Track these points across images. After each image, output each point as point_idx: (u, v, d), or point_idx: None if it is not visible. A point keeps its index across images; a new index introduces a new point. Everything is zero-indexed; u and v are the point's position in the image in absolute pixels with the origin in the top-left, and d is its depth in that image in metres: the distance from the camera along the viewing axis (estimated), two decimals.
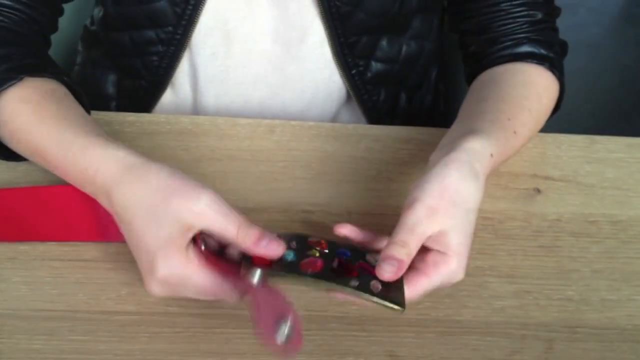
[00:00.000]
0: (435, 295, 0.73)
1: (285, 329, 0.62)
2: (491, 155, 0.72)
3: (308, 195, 0.81)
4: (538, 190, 0.83)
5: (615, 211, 0.82)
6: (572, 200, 0.83)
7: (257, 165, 0.84)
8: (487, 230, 0.79)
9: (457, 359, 0.68)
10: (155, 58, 0.93)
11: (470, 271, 0.74)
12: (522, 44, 0.86)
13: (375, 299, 0.63)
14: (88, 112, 0.79)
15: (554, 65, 0.86)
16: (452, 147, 0.71)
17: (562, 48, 0.89)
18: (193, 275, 0.64)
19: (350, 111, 1.00)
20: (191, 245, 0.65)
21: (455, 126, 0.79)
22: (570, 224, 0.80)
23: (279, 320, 0.62)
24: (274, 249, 0.64)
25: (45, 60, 0.81)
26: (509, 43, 0.86)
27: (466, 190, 0.68)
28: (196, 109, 0.97)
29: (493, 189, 0.82)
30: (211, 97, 0.95)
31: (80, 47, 1.07)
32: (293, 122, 0.88)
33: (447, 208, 0.66)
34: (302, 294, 0.72)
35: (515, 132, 0.78)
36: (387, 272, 0.64)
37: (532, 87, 0.84)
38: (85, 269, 0.73)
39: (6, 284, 0.71)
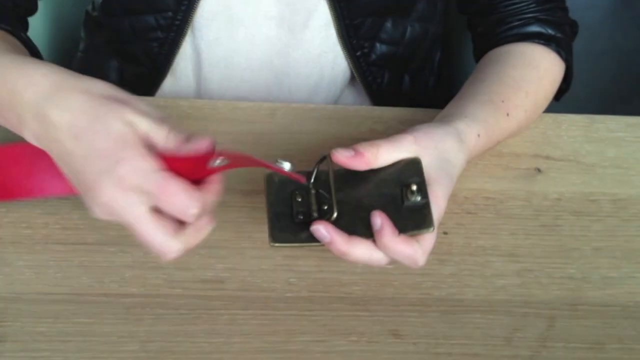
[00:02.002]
0: (438, 274, 0.73)
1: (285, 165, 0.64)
2: (478, 135, 0.73)
3: None
4: (539, 170, 0.83)
5: (616, 190, 0.82)
6: (573, 180, 0.83)
7: (259, 148, 0.84)
8: (488, 210, 0.79)
9: (460, 337, 0.69)
10: (155, 44, 0.93)
11: (472, 251, 0.76)
12: (530, 23, 0.86)
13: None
14: None
15: (561, 46, 0.86)
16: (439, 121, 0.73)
17: (572, 28, 0.89)
18: (157, 171, 0.59)
19: (353, 93, 1.01)
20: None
21: (449, 104, 0.80)
22: (571, 202, 0.81)
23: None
24: (202, 144, 0.62)
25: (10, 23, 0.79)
26: (517, 23, 0.87)
27: (449, 144, 0.69)
28: (199, 95, 0.97)
29: (494, 169, 0.82)
30: (215, 82, 0.95)
31: (82, 34, 1.07)
32: (294, 105, 0.88)
33: (428, 145, 0.68)
34: (304, 276, 0.72)
35: (508, 115, 0.78)
36: (341, 155, 0.66)
37: (532, 69, 0.84)
38: (89, 252, 0.73)
39: (10, 268, 0.71)
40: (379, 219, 0.63)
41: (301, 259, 0.73)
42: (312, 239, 0.64)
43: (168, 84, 0.97)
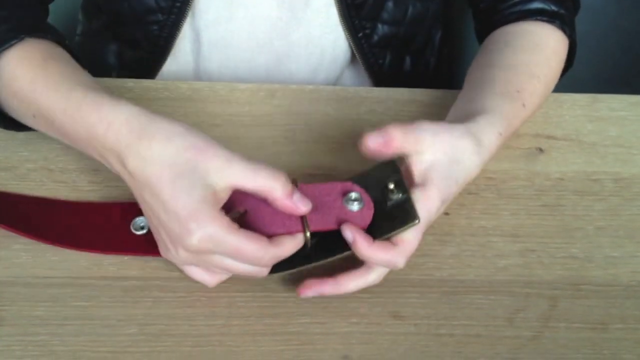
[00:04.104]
0: (439, 255, 0.73)
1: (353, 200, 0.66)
2: (500, 134, 0.72)
3: (310, 159, 0.80)
4: (541, 150, 0.83)
5: (618, 169, 0.81)
6: (575, 159, 0.82)
7: (258, 130, 0.83)
8: (490, 190, 0.78)
9: (461, 318, 0.68)
10: (155, 27, 0.92)
11: (473, 231, 0.75)
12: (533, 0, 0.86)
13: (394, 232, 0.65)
14: None
15: (565, 22, 0.85)
16: (461, 120, 0.72)
17: (574, 3, 0.88)
18: (228, 236, 0.61)
19: (353, 73, 1.00)
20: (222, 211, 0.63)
21: (463, 94, 0.79)
22: (573, 182, 0.80)
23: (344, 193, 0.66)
24: (304, 204, 0.64)
25: (45, 23, 0.78)
26: None
27: (466, 144, 0.68)
28: (198, 76, 0.96)
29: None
30: (214, 63, 0.94)
31: (80, 17, 1.06)
32: (293, 86, 0.88)
33: (436, 146, 0.67)
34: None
35: (524, 105, 0.77)
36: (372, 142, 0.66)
37: (541, 52, 0.83)
38: None
39: (7, 252, 0.70)
40: (349, 232, 0.64)
41: None
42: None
43: (166, 65, 0.96)
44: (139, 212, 0.69)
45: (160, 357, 0.65)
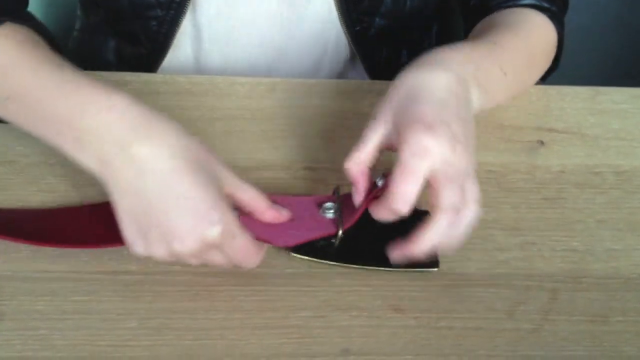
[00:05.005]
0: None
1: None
2: (462, 46, 0.72)
3: (310, 152, 0.80)
4: (542, 143, 0.83)
5: (620, 162, 0.81)
6: (576, 152, 0.82)
7: (258, 123, 0.83)
8: (490, 183, 0.78)
9: (462, 311, 0.68)
10: (154, 23, 0.91)
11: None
12: None
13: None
14: None
15: (555, 18, 0.85)
16: None
17: (564, 3, 0.88)
18: (240, 233, 0.64)
19: (354, 70, 1.00)
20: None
21: None
22: (574, 175, 0.80)
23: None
24: (283, 210, 0.69)
25: (26, 12, 0.76)
26: None
27: (409, 79, 0.69)
28: (199, 72, 0.96)
29: (496, 142, 0.82)
30: (215, 59, 0.94)
31: (79, 12, 1.06)
32: (294, 80, 0.88)
33: (393, 100, 0.68)
34: None
35: (495, 43, 0.77)
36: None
37: (527, 22, 0.83)
38: None
39: (6, 246, 0.70)
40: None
41: None
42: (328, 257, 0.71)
43: (166, 61, 0.96)
44: None
45: (160, 351, 0.64)
